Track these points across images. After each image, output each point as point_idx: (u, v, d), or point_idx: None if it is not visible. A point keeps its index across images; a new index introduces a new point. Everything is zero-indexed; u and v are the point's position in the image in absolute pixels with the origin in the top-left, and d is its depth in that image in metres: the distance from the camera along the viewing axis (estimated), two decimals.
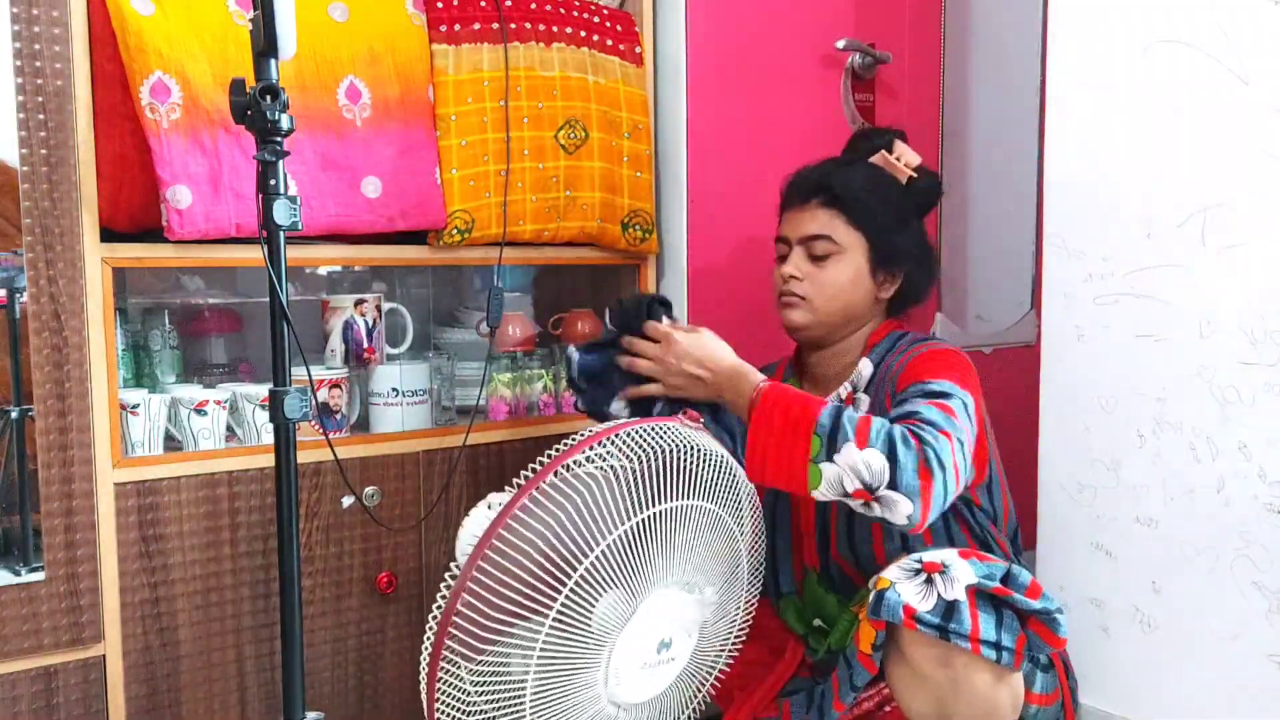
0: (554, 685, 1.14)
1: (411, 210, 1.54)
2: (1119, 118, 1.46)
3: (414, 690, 1.62)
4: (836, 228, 1.45)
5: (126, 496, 1.37)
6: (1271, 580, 1.34)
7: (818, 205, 1.47)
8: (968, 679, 1.19)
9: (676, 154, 1.83)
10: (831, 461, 1.21)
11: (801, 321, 1.47)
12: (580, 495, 1.12)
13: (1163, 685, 1.45)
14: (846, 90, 2.02)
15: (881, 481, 1.20)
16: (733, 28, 1.86)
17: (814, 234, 1.46)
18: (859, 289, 1.46)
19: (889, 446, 1.20)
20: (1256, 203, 1.33)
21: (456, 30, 1.60)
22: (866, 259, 1.46)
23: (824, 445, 1.22)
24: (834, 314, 1.46)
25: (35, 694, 1.32)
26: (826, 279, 1.46)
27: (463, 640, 1.09)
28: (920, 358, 1.39)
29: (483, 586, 1.08)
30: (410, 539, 1.60)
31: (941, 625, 1.16)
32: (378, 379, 1.63)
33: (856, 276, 1.46)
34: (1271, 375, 1.32)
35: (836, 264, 1.45)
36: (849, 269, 1.46)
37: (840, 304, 1.46)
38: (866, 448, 1.20)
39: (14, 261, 1.33)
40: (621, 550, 1.13)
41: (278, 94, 1.10)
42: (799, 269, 1.47)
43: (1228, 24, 1.34)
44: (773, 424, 1.26)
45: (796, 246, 1.48)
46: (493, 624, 1.09)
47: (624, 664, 1.18)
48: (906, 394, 1.33)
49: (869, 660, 1.24)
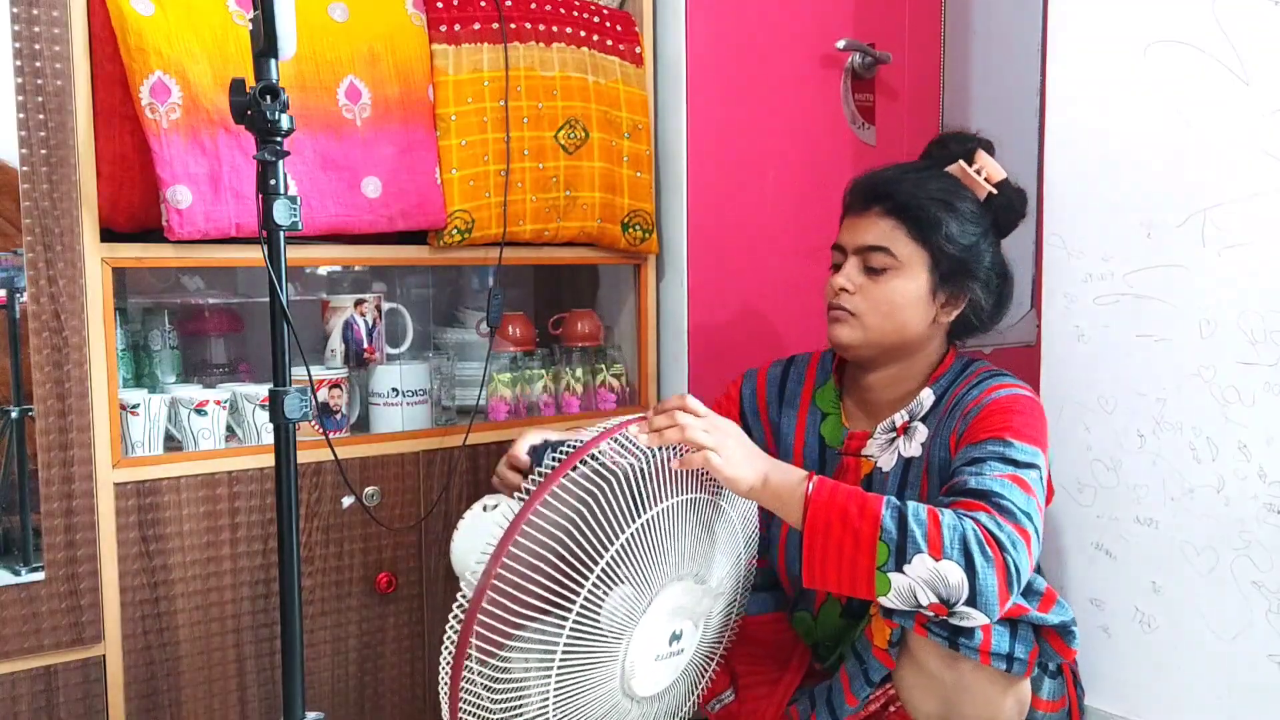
0: (575, 681, 1.15)
1: (411, 210, 1.54)
2: (1119, 118, 1.46)
3: (414, 690, 1.62)
4: (897, 240, 1.33)
5: (126, 496, 1.37)
6: (1271, 580, 1.34)
7: (879, 214, 1.34)
8: (975, 682, 1.19)
9: (676, 154, 1.83)
10: (901, 572, 1.10)
11: (849, 339, 1.36)
12: (596, 493, 1.12)
13: (1163, 685, 1.45)
14: (846, 90, 2.02)
15: (960, 597, 1.10)
16: (733, 28, 1.86)
17: (872, 245, 1.34)
18: (916, 309, 1.34)
19: (966, 558, 1.09)
20: (1256, 203, 1.33)
21: (456, 30, 1.60)
22: (928, 277, 1.33)
23: (892, 553, 1.10)
24: (886, 334, 1.35)
25: (35, 694, 1.32)
26: (881, 295, 1.33)
27: (485, 639, 1.09)
28: (1001, 405, 1.27)
29: (505, 584, 1.08)
30: (410, 539, 1.60)
31: (951, 637, 1.16)
32: (378, 379, 1.63)
33: (915, 295, 1.33)
34: (1271, 375, 1.32)
35: (894, 279, 1.33)
36: (907, 286, 1.33)
37: (894, 324, 1.34)
38: (941, 559, 1.09)
39: (14, 261, 1.33)
40: (637, 545, 1.14)
41: (278, 94, 1.10)
42: (852, 281, 1.35)
43: (1228, 24, 1.34)
44: (830, 529, 1.13)
45: (852, 256, 1.36)
46: (515, 622, 1.10)
47: (640, 656, 1.19)
48: (984, 450, 1.22)
49: (886, 655, 1.23)
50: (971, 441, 1.25)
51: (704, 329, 1.84)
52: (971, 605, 1.10)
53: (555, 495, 1.12)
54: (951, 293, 1.35)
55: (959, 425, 1.29)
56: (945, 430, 1.32)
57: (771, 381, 1.52)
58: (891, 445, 1.37)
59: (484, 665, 1.12)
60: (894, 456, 1.36)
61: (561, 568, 1.11)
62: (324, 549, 1.52)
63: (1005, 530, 1.12)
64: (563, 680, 1.13)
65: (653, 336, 1.86)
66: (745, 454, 1.19)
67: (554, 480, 1.12)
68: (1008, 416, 1.25)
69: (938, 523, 1.11)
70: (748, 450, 1.20)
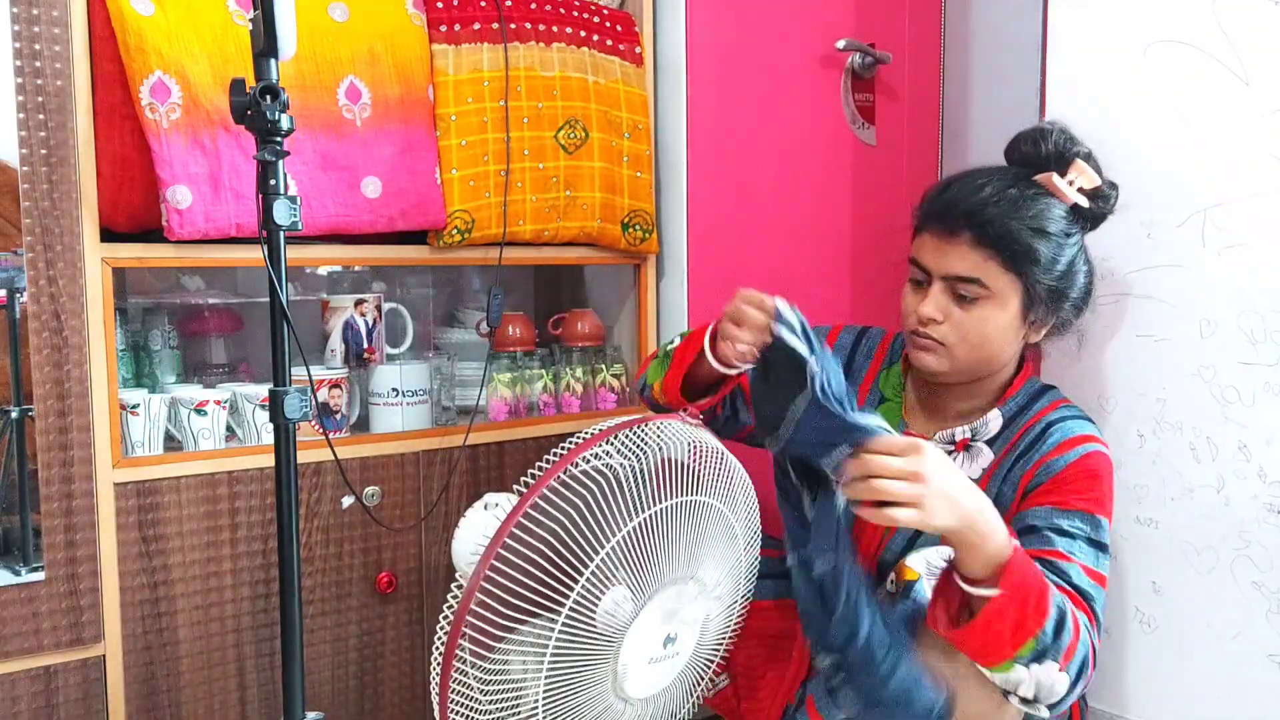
0: (565, 682, 1.14)
1: (411, 210, 1.54)
2: (1119, 118, 1.46)
3: (414, 690, 1.62)
4: (990, 271, 1.24)
5: (126, 496, 1.37)
6: (1271, 580, 1.34)
7: (969, 243, 1.24)
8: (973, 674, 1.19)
9: (676, 154, 1.83)
10: (1028, 668, 1.10)
11: (938, 368, 1.30)
12: (589, 493, 1.12)
13: (1163, 685, 1.45)
14: (846, 90, 2.02)
15: (1049, 700, 1.12)
16: (733, 28, 1.86)
17: (963, 276, 1.25)
18: (1008, 335, 1.28)
19: (1078, 676, 1.11)
20: (1257, 203, 1.33)
21: (456, 30, 1.60)
22: (1020, 303, 1.26)
23: (1034, 652, 1.09)
24: (976, 363, 1.29)
25: (35, 694, 1.32)
26: (972, 325, 1.26)
27: (476, 639, 1.09)
28: (1090, 469, 1.23)
29: (496, 585, 1.08)
30: (410, 539, 1.60)
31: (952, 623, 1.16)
32: (378, 379, 1.63)
33: (1007, 323, 1.26)
34: (1271, 375, 1.32)
35: (985, 309, 1.25)
36: (1000, 316, 1.25)
37: (985, 353, 1.28)
38: (1063, 672, 1.10)
39: (14, 261, 1.33)
40: (630, 547, 1.14)
41: (278, 94, 1.10)
42: (940, 309, 1.26)
43: (1228, 24, 1.34)
44: (1008, 611, 1.08)
45: (939, 281, 1.27)
46: (505, 622, 1.10)
47: (632, 659, 1.18)
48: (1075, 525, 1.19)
49: None
50: (1061, 506, 1.21)
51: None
52: (1051, 709, 1.13)
53: (551, 494, 1.12)
54: (1042, 316, 1.30)
55: (1036, 471, 1.24)
56: (1017, 471, 1.27)
57: (841, 347, 1.47)
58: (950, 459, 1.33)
59: (476, 665, 1.12)
60: None
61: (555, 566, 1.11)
62: (324, 549, 1.52)
63: (1095, 635, 1.15)
64: (553, 680, 1.13)
65: (653, 336, 1.86)
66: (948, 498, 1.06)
67: (547, 480, 1.12)
68: (1097, 485, 1.22)
69: (1078, 638, 1.11)
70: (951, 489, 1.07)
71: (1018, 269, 1.24)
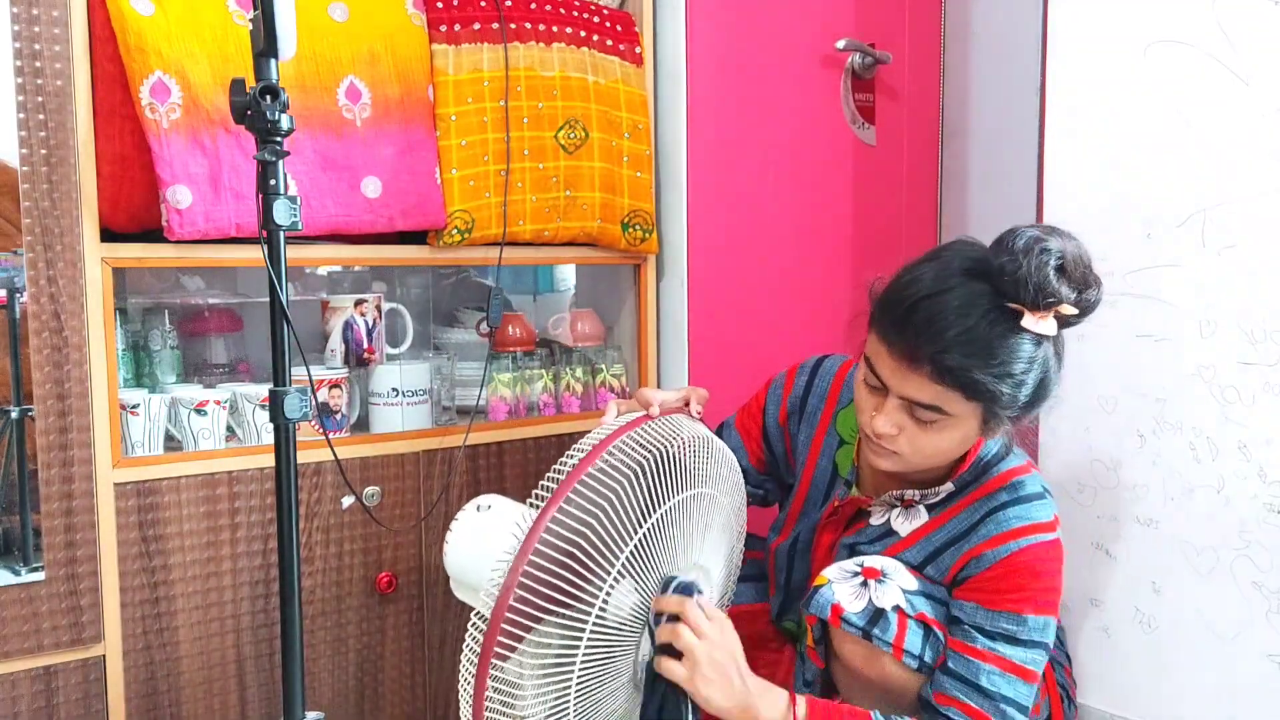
0: (595, 676, 1.16)
1: (411, 210, 1.54)
2: (1119, 118, 1.46)
3: (414, 690, 1.62)
4: (950, 401, 1.16)
5: (126, 496, 1.37)
6: (1271, 580, 1.34)
7: (929, 376, 1.15)
8: (901, 682, 1.20)
9: (676, 154, 1.83)
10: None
11: (891, 469, 1.25)
12: (614, 490, 1.13)
13: (1163, 685, 1.45)
14: (846, 90, 2.02)
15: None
16: (733, 27, 1.86)
17: (922, 403, 1.17)
18: (966, 445, 1.23)
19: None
20: (1256, 203, 1.33)
21: (456, 30, 1.60)
22: (980, 420, 1.20)
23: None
24: (930, 468, 1.26)
25: (35, 694, 1.32)
26: (928, 442, 1.20)
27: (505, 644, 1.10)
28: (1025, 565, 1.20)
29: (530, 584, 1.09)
30: (410, 539, 1.60)
31: (865, 629, 1.17)
32: (378, 379, 1.63)
33: (964, 438, 1.21)
34: (1271, 375, 1.32)
35: (944, 428, 1.19)
36: (958, 434, 1.20)
37: (941, 460, 1.24)
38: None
39: (14, 261, 1.33)
40: (652, 542, 1.15)
41: (278, 94, 1.10)
42: (896, 424, 1.19)
43: (1228, 24, 1.34)
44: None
45: (896, 399, 1.19)
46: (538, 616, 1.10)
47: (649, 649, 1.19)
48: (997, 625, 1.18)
49: (814, 654, 1.25)
50: (986, 605, 1.20)
51: (704, 329, 1.84)
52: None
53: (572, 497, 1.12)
54: (1005, 427, 1.23)
55: (965, 564, 1.23)
56: (947, 558, 1.25)
57: (795, 394, 1.45)
58: (892, 514, 1.32)
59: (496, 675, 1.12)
60: (884, 516, 1.32)
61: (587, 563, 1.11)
62: (324, 549, 1.52)
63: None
64: (584, 678, 1.14)
65: (653, 336, 1.86)
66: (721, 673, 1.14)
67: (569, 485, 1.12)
68: (1032, 580, 1.19)
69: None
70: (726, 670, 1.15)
71: (980, 400, 1.16)
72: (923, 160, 2.16)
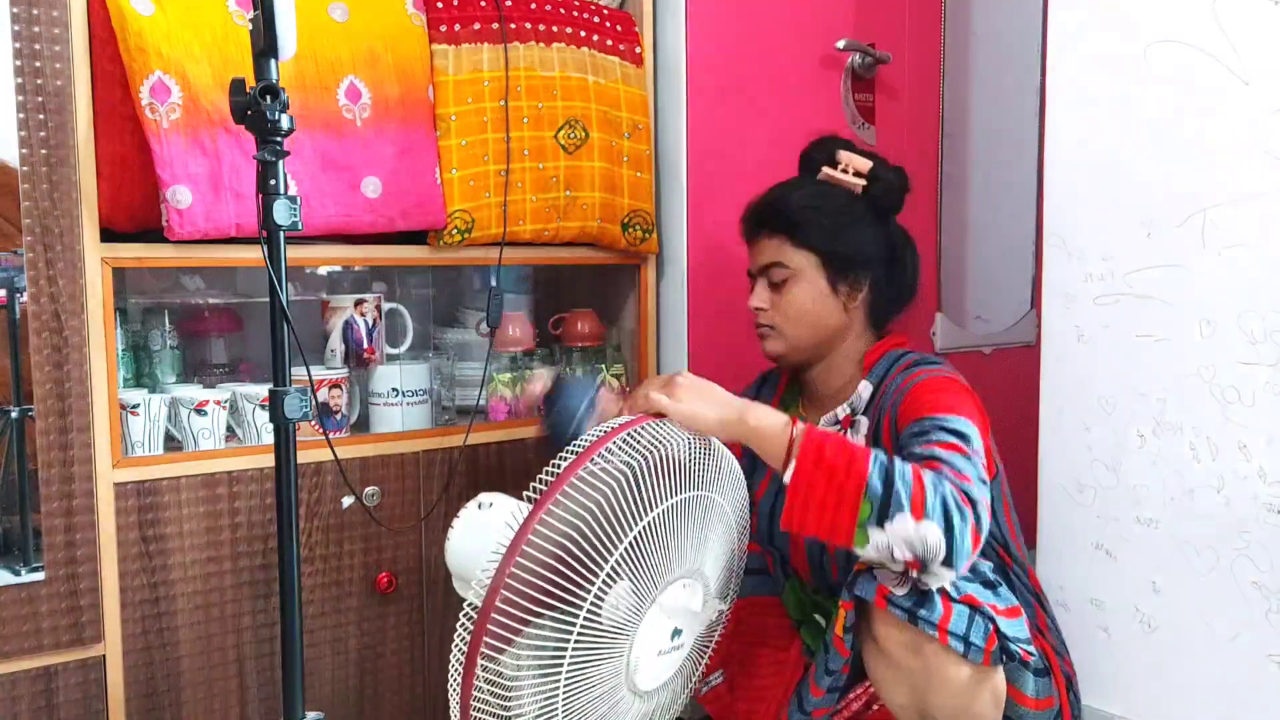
0: (585, 677, 1.15)
1: (411, 210, 1.54)
2: (1119, 118, 1.46)
3: (414, 690, 1.62)
4: (786, 252, 1.44)
5: (126, 496, 1.37)
6: (1271, 580, 1.34)
7: (767, 235, 1.47)
8: (941, 670, 1.19)
9: (676, 154, 1.83)
10: (882, 529, 1.13)
11: (777, 350, 1.48)
12: (606, 490, 1.13)
13: (1163, 685, 1.45)
14: (846, 90, 2.02)
15: (936, 557, 1.13)
16: (733, 28, 1.86)
17: (768, 263, 1.46)
18: (823, 306, 1.45)
19: (945, 519, 1.13)
20: (1256, 203, 1.33)
21: (456, 30, 1.60)
22: (823, 276, 1.44)
23: (874, 511, 1.13)
24: (804, 336, 1.46)
25: (35, 694, 1.32)
26: (787, 304, 1.45)
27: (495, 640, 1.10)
28: (923, 386, 1.34)
29: (518, 583, 1.08)
30: (410, 539, 1.60)
31: (911, 610, 1.17)
32: (378, 379, 1.63)
33: (817, 295, 1.44)
34: (1271, 375, 1.32)
35: (794, 288, 1.44)
36: (807, 290, 1.44)
37: (807, 325, 1.45)
38: (923, 520, 1.12)
39: (14, 261, 1.33)
40: (643, 543, 1.15)
41: (278, 94, 1.10)
42: (763, 299, 1.47)
43: (1228, 24, 1.34)
44: (815, 481, 1.16)
45: (759, 278, 1.48)
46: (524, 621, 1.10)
47: (644, 652, 1.19)
48: (924, 427, 1.27)
49: (841, 643, 1.25)
50: (911, 419, 1.31)
51: (704, 329, 1.84)
52: (947, 565, 1.14)
53: (564, 496, 1.12)
54: (851, 282, 1.45)
55: (890, 412, 1.37)
56: (879, 418, 1.39)
57: (748, 392, 1.61)
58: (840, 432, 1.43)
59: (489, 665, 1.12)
60: None
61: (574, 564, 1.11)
62: (324, 549, 1.52)
63: (972, 490, 1.17)
64: (573, 677, 1.14)
65: (653, 336, 1.86)
66: (707, 393, 1.24)
67: (562, 482, 1.12)
68: (928, 395, 1.32)
69: (922, 484, 1.14)
70: (711, 393, 1.25)
71: (806, 243, 1.44)
72: (923, 160, 2.16)
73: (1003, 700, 1.25)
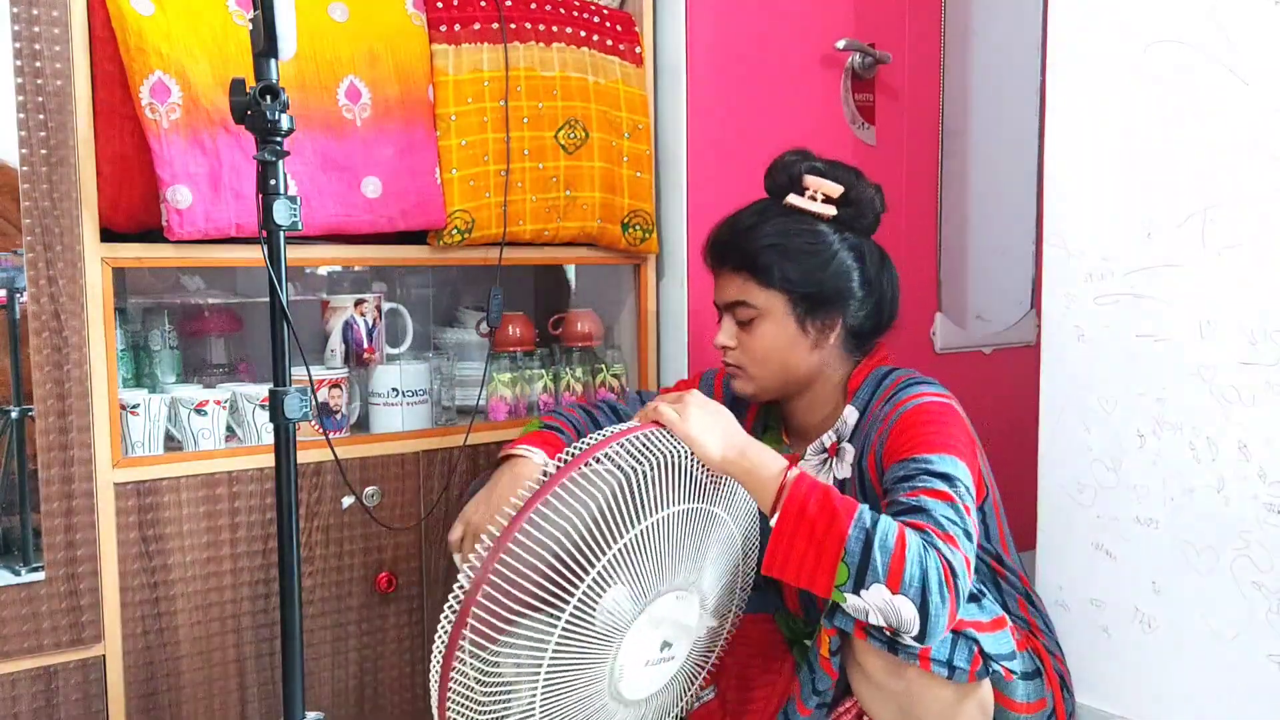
0: (564, 679, 1.15)
1: (411, 210, 1.54)
2: (1119, 118, 1.46)
3: (414, 690, 1.62)
4: (751, 291, 1.36)
5: (126, 496, 1.37)
6: (1271, 580, 1.34)
7: (731, 271, 1.39)
8: (925, 691, 1.18)
9: (676, 154, 1.83)
10: (858, 595, 1.11)
11: (746, 391, 1.41)
12: (600, 493, 1.13)
13: (1163, 685, 1.45)
14: (846, 90, 2.02)
15: (909, 631, 1.10)
16: (733, 27, 1.86)
17: (731, 301, 1.39)
18: (792, 346, 1.37)
19: (922, 597, 1.09)
20: (1256, 203, 1.33)
21: (456, 30, 1.60)
22: (792, 317, 1.36)
23: (851, 576, 1.10)
24: (773, 376, 1.39)
25: (35, 694, 1.32)
26: (754, 345, 1.37)
27: (478, 631, 1.09)
28: (909, 419, 1.28)
29: (503, 579, 1.08)
30: (410, 539, 1.60)
31: (890, 641, 1.15)
32: (378, 379, 1.63)
33: (785, 335, 1.37)
34: (1271, 375, 1.32)
35: (760, 327, 1.37)
36: (775, 330, 1.36)
37: (775, 366, 1.38)
38: (899, 594, 1.08)
39: (14, 261, 1.33)
40: (637, 549, 1.14)
41: (278, 94, 1.10)
42: (729, 337, 1.40)
43: (1228, 24, 1.34)
44: (798, 534, 1.13)
45: (725, 314, 1.41)
46: (510, 614, 1.10)
47: (630, 660, 1.19)
48: (909, 471, 1.22)
49: (828, 664, 1.24)
50: (895, 459, 1.26)
51: (704, 329, 1.84)
52: (920, 640, 1.11)
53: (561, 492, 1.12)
54: (822, 320, 1.37)
55: (876, 443, 1.31)
56: (866, 445, 1.33)
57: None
58: (825, 466, 1.39)
59: (475, 658, 1.12)
60: (828, 478, 1.38)
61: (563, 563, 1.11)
62: (324, 549, 1.52)
63: (957, 557, 1.12)
64: (551, 678, 1.13)
65: (653, 336, 1.86)
66: (713, 422, 1.21)
67: (560, 479, 1.12)
68: (917, 428, 1.26)
69: (903, 555, 1.09)
70: (718, 421, 1.21)
71: (771, 283, 1.35)
72: (923, 160, 2.16)
73: (990, 710, 1.24)
